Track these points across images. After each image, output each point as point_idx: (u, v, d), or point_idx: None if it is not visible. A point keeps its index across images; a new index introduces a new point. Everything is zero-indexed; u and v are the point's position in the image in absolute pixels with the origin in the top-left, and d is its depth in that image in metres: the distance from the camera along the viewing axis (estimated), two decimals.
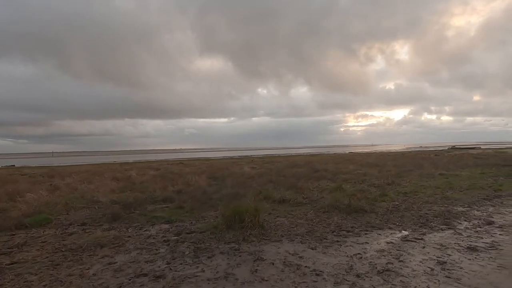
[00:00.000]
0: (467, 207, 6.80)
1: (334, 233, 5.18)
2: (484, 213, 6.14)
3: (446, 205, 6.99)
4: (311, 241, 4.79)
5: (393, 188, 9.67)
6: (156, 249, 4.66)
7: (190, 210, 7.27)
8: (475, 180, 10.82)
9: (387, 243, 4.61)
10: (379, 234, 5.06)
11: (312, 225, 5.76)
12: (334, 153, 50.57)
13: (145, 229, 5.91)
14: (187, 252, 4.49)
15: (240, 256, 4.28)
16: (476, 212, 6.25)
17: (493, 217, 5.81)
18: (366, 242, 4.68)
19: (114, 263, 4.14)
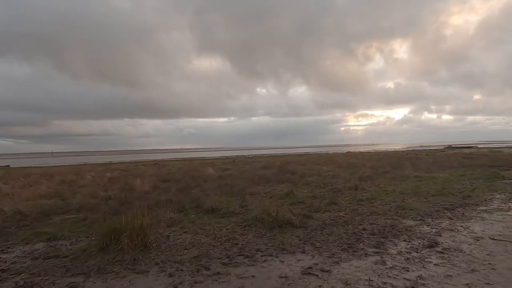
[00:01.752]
0: (419, 220, 5.58)
1: (227, 259, 3.99)
2: (434, 230, 4.92)
3: (396, 217, 5.79)
4: (183, 274, 3.60)
5: (351, 194, 8.46)
6: None
7: (91, 223, 6.10)
8: (449, 184, 9.59)
9: (280, 277, 3.42)
10: (282, 262, 3.86)
11: (213, 246, 4.57)
12: (327, 153, 49.27)
13: (8, 250, 4.74)
14: None
15: None
16: (424, 228, 5.03)
17: (441, 236, 4.59)
18: (253, 276, 3.48)
19: None
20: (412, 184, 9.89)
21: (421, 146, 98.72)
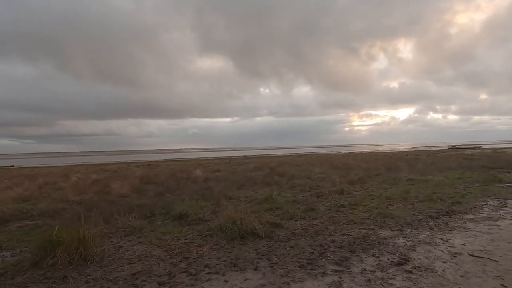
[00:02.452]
0: (397, 230, 5.08)
1: (166, 278, 3.54)
2: (409, 243, 4.42)
3: (373, 227, 5.28)
4: None
5: (335, 199, 7.96)
6: None
7: (45, 231, 5.69)
8: (441, 188, 9.03)
9: None
10: (226, 282, 3.41)
11: (161, 259, 4.13)
12: (327, 154, 48.59)
13: None
14: None
15: None
16: (400, 241, 4.53)
17: (415, 250, 4.09)
18: None
19: None
20: (402, 187, 9.35)
21: (426, 146, 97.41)
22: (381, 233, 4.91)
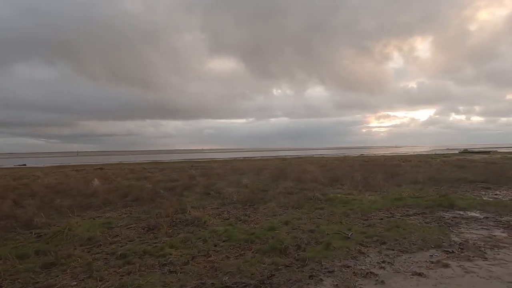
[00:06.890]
0: None
1: None
2: None
3: None
4: None
5: (158, 236, 5.30)
6: None
7: None
8: (344, 219, 6.10)
9: None
10: None
11: None
12: (323, 157, 45.04)
13: None
14: None
15: None
16: None
17: None
18: None
19: None
20: (292, 215, 6.52)
21: (447, 148, 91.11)
22: None
